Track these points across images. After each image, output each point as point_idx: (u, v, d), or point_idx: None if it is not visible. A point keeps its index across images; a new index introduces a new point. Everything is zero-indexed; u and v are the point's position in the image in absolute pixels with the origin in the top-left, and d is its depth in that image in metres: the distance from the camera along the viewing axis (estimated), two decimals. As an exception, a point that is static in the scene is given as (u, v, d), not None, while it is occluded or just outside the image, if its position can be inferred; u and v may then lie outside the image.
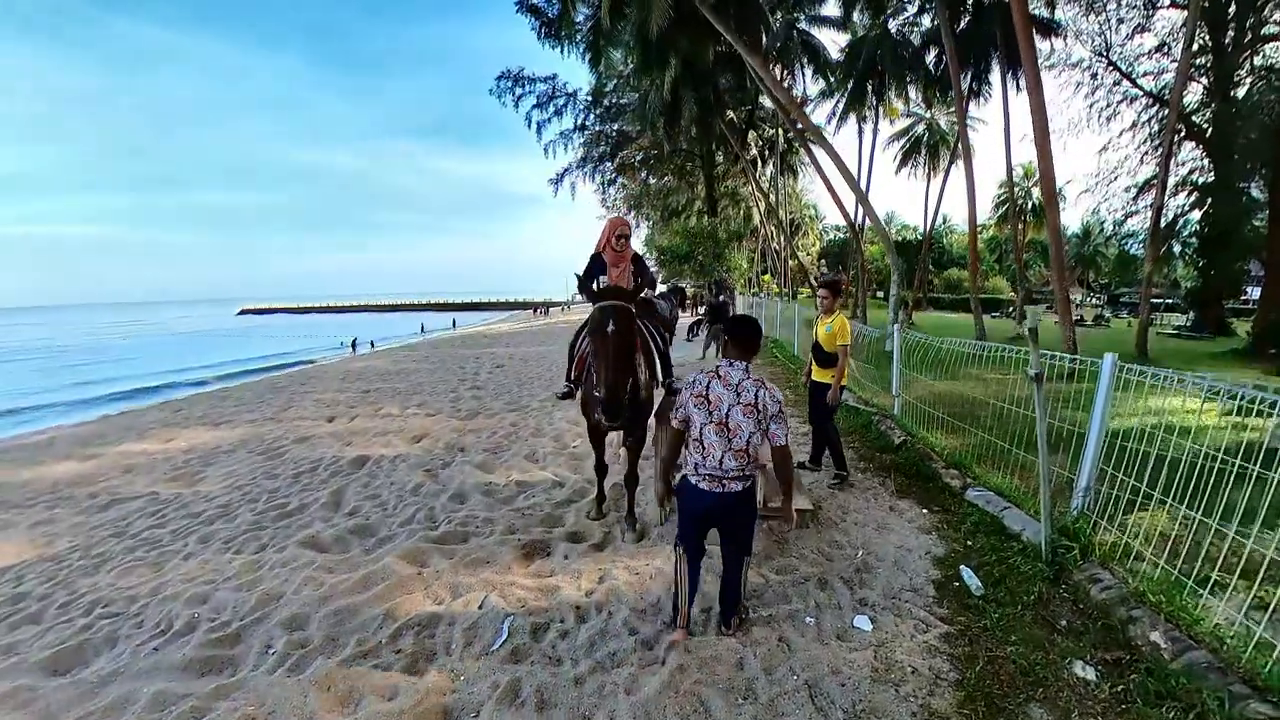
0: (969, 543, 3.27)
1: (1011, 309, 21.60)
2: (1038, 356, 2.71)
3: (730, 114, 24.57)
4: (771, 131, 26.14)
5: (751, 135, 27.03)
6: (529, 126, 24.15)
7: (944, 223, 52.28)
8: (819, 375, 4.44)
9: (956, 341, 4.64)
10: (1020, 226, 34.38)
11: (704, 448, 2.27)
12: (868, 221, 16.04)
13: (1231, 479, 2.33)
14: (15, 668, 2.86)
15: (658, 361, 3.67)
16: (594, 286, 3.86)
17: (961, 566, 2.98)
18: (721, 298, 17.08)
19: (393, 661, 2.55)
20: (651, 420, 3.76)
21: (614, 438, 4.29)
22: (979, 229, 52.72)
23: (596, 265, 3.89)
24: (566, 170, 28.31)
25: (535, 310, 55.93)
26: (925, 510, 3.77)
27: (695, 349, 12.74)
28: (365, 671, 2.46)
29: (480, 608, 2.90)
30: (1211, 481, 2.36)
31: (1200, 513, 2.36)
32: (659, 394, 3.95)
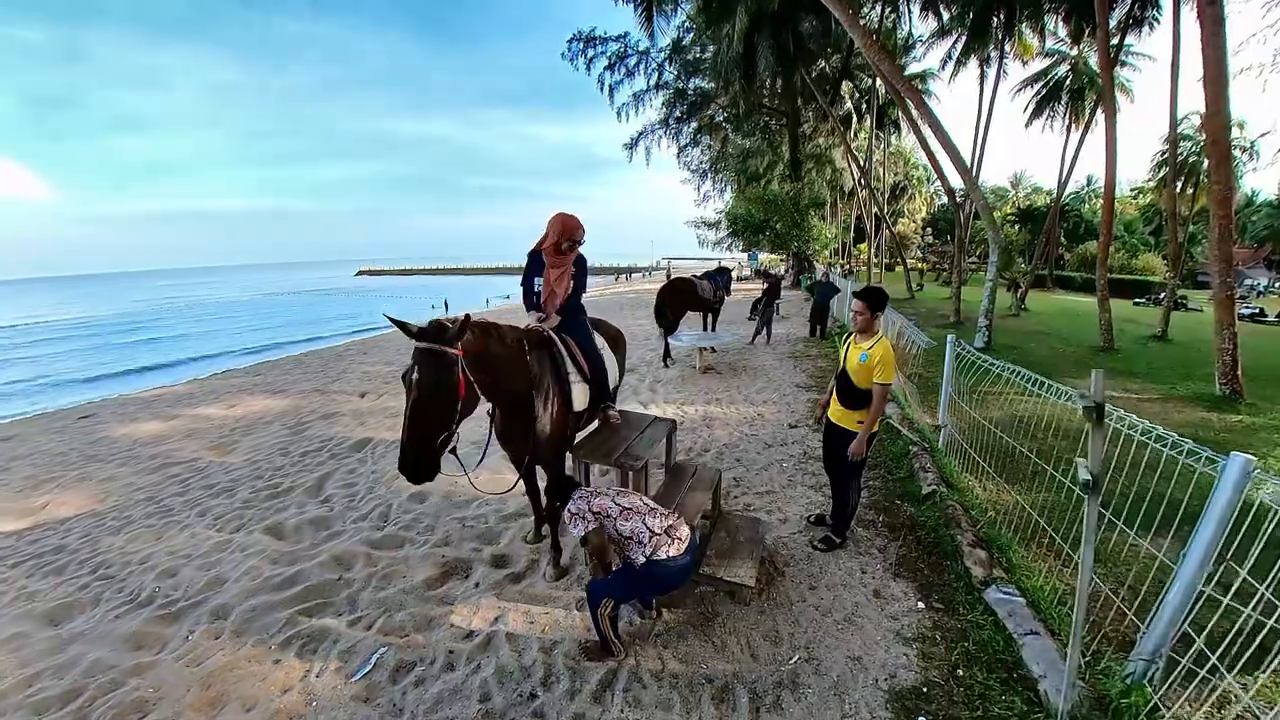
0: (959, 673, 2.35)
1: (1162, 295, 17.68)
2: (1099, 450, 1.71)
3: (822, 63, 21.88)
4: (869, 82, 22.96)
5: (846, 86, 24.01)
6: (601, 90, 23.22)
7: (1087, 185, 44.20)
8: (839, 417, 3.25)
9: (1014, 371, 3.43)
10: (1191, 191, 27.97)
11: (628, 508, 2.32)
12: (980, 183, 13.45)
13: None
14: (27, 614, 3.28)
15: (576, 388, 3.03)
16: (531, 290, 3.33)
17: (920, 718, 2.11)
18: (827, 277, 14.74)
19: (269, 671, 2.62)
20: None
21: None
22: (1133, 193, 44.31)
23: (534, 264, 3.31)
24: (642, 134, 27.10)
25: (618, 276, 56.06)
26: (922, 603, 2.84)
27: (735, 331, 11.47)
28: (243, 675, 2.58)
29: (368, 629, 2.89)
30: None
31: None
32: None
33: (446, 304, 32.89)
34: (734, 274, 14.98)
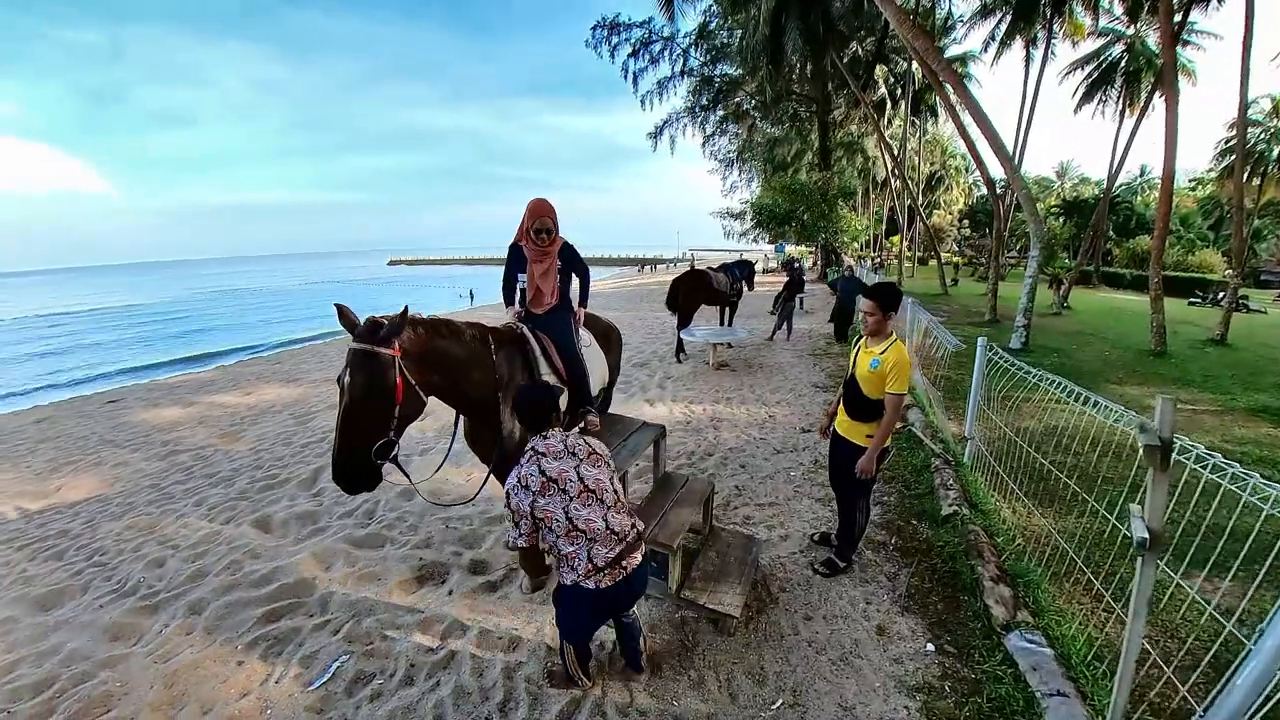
0: (969, 735, 2.02)
1: (1221, 294, 16.39)
2: (1162, 499, 1.36)
3: (854, 46, 20.94)
4: (904, 65, 21.88)
5: (880, 71, 22.96)
6: (625, 78, 22.82)
7: (1141, 175, 41.54)
8: (846, 429, 2.89)
9: (1053, 381, 3.02)
10: (1257, 182, 25.95)
11: (580, 531, 1.93)
12: (1022, 173, 12.49)
13: None
14: (21, 598, 3.36)
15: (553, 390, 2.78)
16: (515, 290, 3.11)
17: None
18: (851, 271, 13.63)
19: (232, 673, 2.60)
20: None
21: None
22: (1191, 184, 41.56)
23: (515, 258, 3.07)
24: (666, 122, 26.59)
25: (641, 267, 55.87)
26: (931, 645, 2.51)
27: (754, 326, 11.02)
28: (206, 676, 2.58)
29: (334, 634, 2.85)
30: None
31: None
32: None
33: (472, 294, 33.21)
34: (759, 266, 14.34)
